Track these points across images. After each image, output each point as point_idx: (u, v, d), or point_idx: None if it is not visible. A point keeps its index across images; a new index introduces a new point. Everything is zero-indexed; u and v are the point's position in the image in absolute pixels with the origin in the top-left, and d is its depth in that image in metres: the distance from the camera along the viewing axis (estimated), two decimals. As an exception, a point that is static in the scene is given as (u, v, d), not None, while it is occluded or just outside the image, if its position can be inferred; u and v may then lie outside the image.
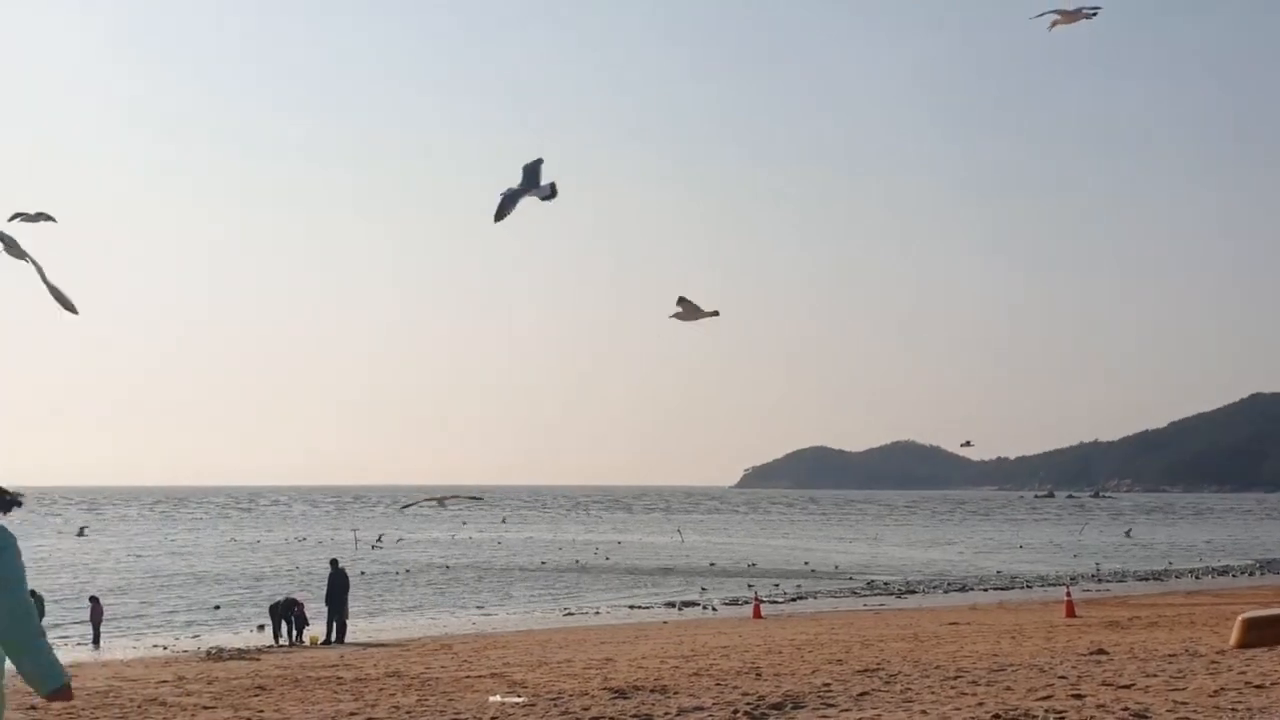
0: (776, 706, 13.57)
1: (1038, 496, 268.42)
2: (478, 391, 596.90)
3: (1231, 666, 15.84)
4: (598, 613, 39.35)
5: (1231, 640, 19.20)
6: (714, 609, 39.67)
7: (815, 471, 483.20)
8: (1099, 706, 12.64)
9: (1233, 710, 12.15)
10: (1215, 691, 13.39)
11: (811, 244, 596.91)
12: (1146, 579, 53.21)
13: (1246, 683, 14.03)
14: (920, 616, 33.15)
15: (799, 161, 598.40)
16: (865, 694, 14.40)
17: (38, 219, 12.19)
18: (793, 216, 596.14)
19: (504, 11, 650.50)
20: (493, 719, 13.68)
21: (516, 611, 40.48)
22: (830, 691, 14.72)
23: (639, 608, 40.80)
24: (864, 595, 45.27)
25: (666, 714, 13.46)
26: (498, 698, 15.56)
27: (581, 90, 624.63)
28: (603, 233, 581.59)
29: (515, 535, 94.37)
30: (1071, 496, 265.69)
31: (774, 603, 40.83)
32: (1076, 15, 13.47)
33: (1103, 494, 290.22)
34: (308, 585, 44.74)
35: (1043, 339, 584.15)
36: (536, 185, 10.30)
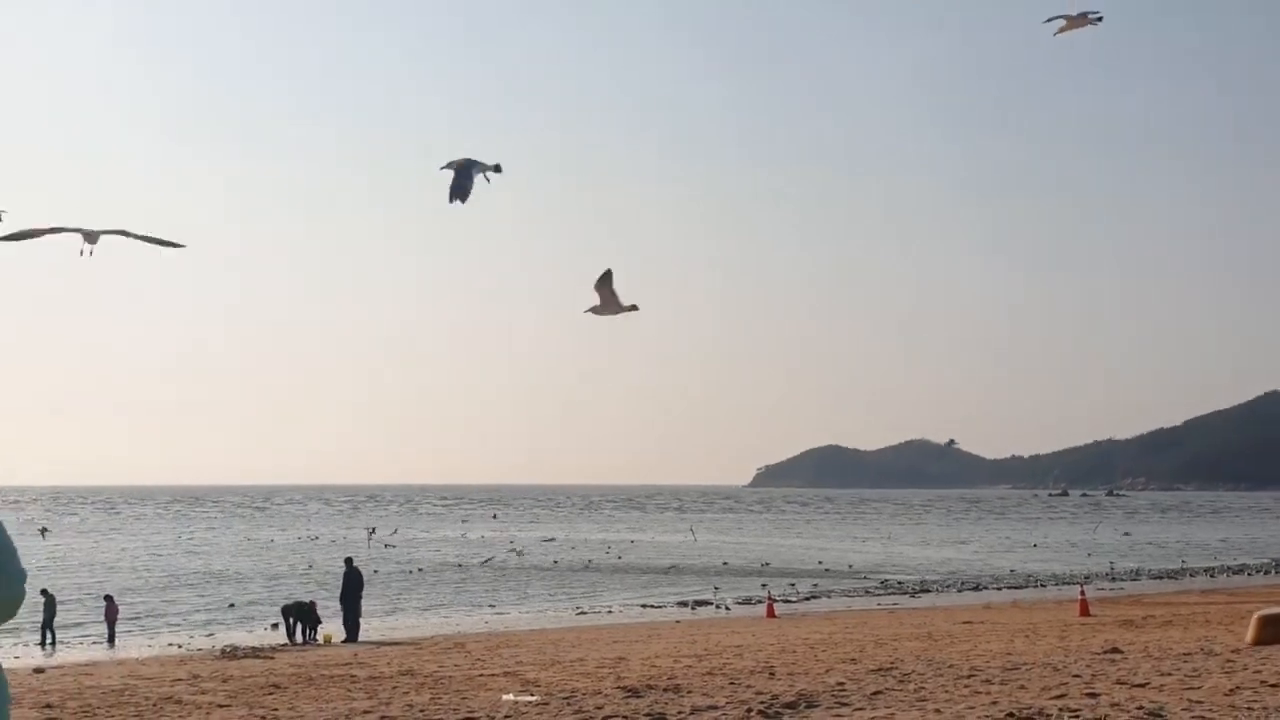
0: (790, 705, 13.57)
1: (1052, 495, 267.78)
2: (490, 391, 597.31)
3: (1247, 665, 15.78)
4: (610, 612, 39.34)
5: (1247, 638, 19.15)
6: (727, 608, 39.63)
7: (828, 470, 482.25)
8: (1113, 705, 12.61)
9: (1248, 709, 12.11)
10: (1231, 690, 13.35)
11: (819, 243, 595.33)
12: (1161, 577, 53.05)
13: (1262, 681, 13.98)
14: (934, 615, 33.09)
15: (804, 161, 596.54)
16: (879, 693, 14.39)
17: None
18: (799, 216, 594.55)
19: (504, 11, 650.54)
20: (506, 717, 13.69)
21: (529, 610, 40.50)
22: (844, 690, 14.70)
23: (651, 607, 40.78)
24: (878, 594, 45.20)
25: (680, 713, 13.46)
26: (511, 696, 15.58)
27: (583, 91, 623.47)
28: (608, 232, 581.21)
29: (528, 534, 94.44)
30: (1086, 495, 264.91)
31: (788, 602, 40.79)
32: (1082, 20, 13.54)
33: (1117, 492, 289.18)
34: (325, 584, 44.85)
35: (1057, 337, 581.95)
36: (480, 168, 10.25)
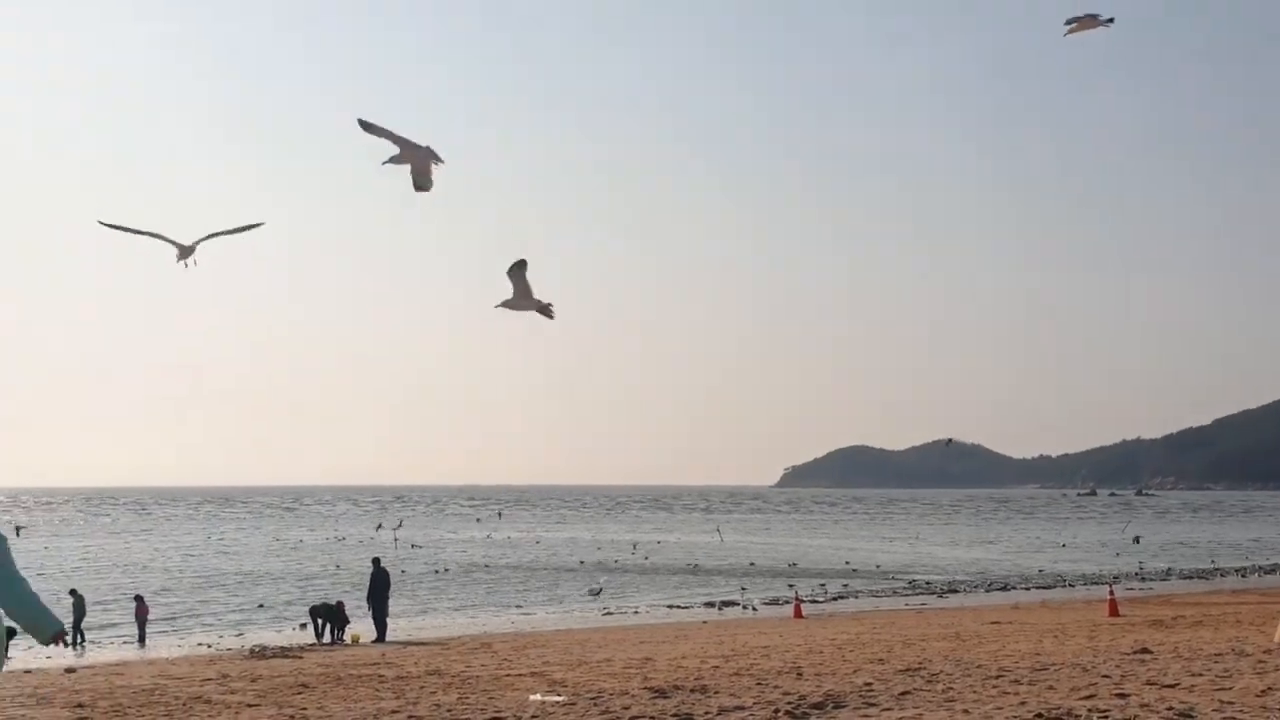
0: (818, 706, 13.53)
1: (1080, 495, 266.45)
2: (517, 392, 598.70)
3: (1279, 666, 15.66)
4: (637, 612, 39.36)
5: (1278, 638, 18.99)
6: (754, 609, 39.59)
7: (855, 470, 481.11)
8: (1143, 706, 12.53)
9: (1280, 710, 12.00)
10: (1263, 691, 13.24)
11: (846, 244, 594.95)
12: (1191, 577, 52.70)
13: (1294, 682, 13.85)
14: (962, 615, 32.96)
15: (830, 162, 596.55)
16: (907, 693, 14.34)
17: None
18: (827, 217, 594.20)
19: (536, 13, 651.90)
20: (533, 717, 13.71)
21: (556, 610, 40.56)
22: (872, 691, 14.66)
23: (678, 607, 40.78)
24: (906, 594, 45.07)
25: (707, 713, 13.45)
26: (538, 696, 15.59)
27: (612, 94, 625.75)
28: (636, 233, 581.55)
29: (554, 535, 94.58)
30: (1114, 494, 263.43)
31: (815, 602, 40.72)
32: (1092, 22, 13.53)
33: (1146, 492, 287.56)
34: (355, 585, 45.02)
35: (1084, 337, 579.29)
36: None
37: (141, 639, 32.65)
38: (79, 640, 32.25)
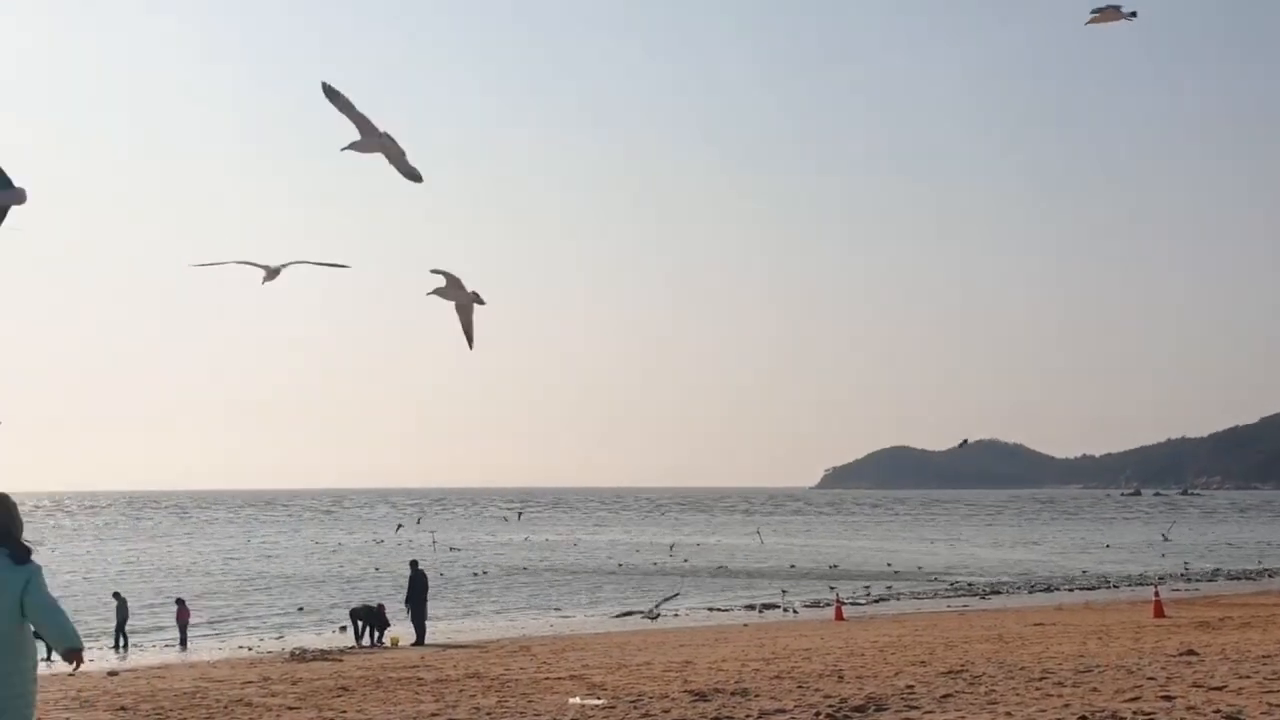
0: (859, 709, 13.44)
1: (1124, 495, 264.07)
2: (556, 394, 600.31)
3: (1329, 668, 15.41)
4: (676, 615, 39.25)
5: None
6: (795, 611, 39.41)
7: (896, 471, 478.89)
8: (1189, 709, 12.35)
9: (1331, 713, 11.80)
10: (1312, 694, 13.02)
11: (885, 243, 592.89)
12: (1239, 578, 52.06)
13: (1345, 685, 13.63)
14: (1005, 617, 32.69)
15: (867, 162, 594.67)
16: (949, 696, 14.21)
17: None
18: (866, 217, 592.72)
19: (568, 16, 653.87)
20: (572, 721, 13.67)
21: (595, 614, 40.53)
22: (914, 694, 14.54)
23: (718, 610, 40.65)
24: (948, 596, 44.76)
25: (748, 716, 13.37)
26: (577, 700, 15.56)
27: (644, 94, 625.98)
28: (669, 234, 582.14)
29: (593, 538, 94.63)
30: (1159, 494, 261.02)
31: (856, 604, 40.50)
32: (1114, 14, 13.37)
33: (1191, 491, 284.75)
34: (397, 587, 45.16)
35: (1128, 334, 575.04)
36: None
37: (183, 642, 32.89)
38: (122, 643, 32.53)
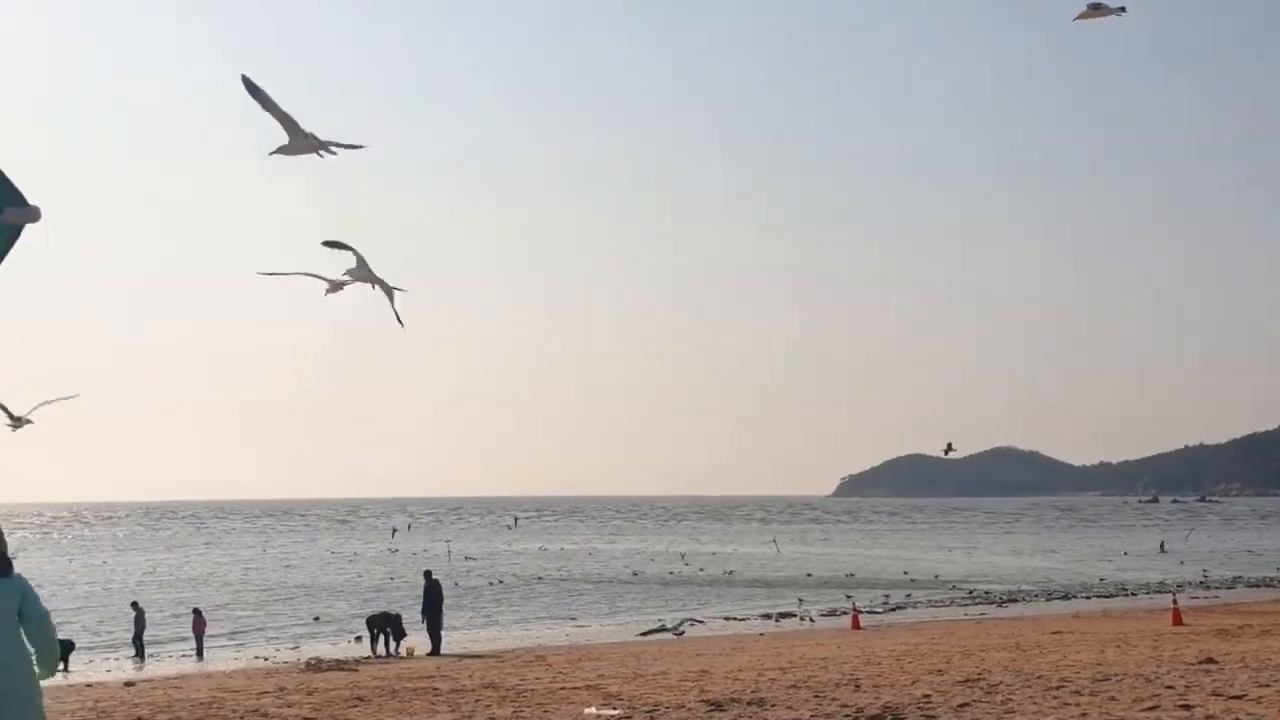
0: (876, 718, 13.40)
1: (1142, 502, 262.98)
2: (571, 402, 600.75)
3: (1349, 676, 15.31)
4: (692, 624, 39.18)
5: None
6: (811, 620, 39.33)
7: (912, 479, 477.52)
8: (1208, 717, 12.28)
9: (1352, 722, 11.71)
10: (1333, 702, 12.93)
11: (899, 250, 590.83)
12: (1258, 585, 51.77)
13: (1366, 693, 13.53)
14: (1022, 625, 32.56)
15: (882, 168, 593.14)
16: (966, 705, 14.15)
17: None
18: (880, 222, 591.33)
19: (583, 15, 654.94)
20: (587, 731, 13.65)
21: (610, 623, 40.48)
22: (930, 703, 14.49)
23: (734, 619, 40.58)
24: (965, 604, 44.61)
25: (762, 726, 13.32)
26: (593, 710, 15.53)
27: (661, 96, 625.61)
28: (685, 239, 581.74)
29: (609, 547, 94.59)
30: (1177, 501, 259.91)
31: (873, 613, 40.38)
32: (1103, 11, 13.31)
33: (1209, 498, 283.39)
34: (413, 597, 45.17)
35: (1144, 340, 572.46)
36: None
37: (199, 652, 32.95)
38: (139, 653, 32.62)
